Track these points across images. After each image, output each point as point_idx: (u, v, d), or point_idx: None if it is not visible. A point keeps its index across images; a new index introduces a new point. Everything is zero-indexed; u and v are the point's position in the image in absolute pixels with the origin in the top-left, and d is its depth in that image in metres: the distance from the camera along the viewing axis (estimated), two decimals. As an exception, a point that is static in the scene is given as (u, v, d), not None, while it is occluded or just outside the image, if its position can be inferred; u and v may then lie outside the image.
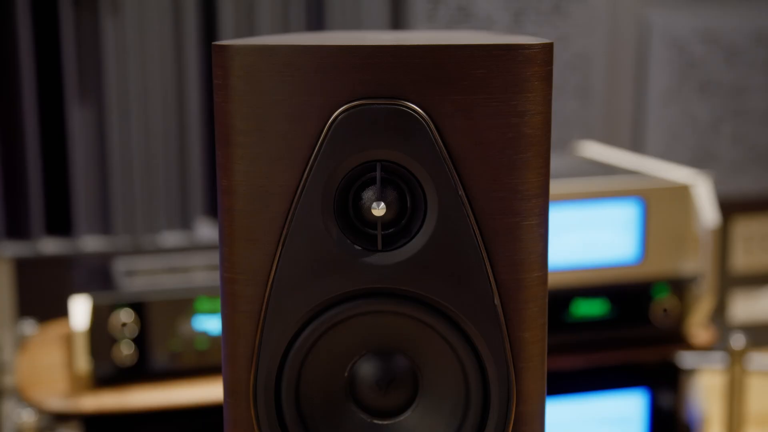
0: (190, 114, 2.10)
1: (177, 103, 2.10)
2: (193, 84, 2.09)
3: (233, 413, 0.60)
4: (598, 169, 1.75)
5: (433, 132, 0.56)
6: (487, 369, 0.58)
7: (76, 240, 2.08)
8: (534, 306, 0.58)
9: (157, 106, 2.08)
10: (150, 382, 1.51)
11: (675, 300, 1.63)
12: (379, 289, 0.57)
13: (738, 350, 1.68)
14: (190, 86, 2.09)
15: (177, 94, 2.10)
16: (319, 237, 0.57)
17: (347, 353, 0.59)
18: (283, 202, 0.57)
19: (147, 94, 2.07)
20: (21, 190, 2.04)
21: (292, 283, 0.57)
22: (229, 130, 0.58)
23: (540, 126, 0.57)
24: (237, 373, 0.60)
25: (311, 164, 0.56)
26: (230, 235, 0.59)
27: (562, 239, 1.59)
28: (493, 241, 0.57)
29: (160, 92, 2.08)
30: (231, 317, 0.60)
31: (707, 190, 1.62)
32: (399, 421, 0.60)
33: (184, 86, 2.10)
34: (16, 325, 2.06)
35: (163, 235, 2.13)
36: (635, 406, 1.68)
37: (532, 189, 0.57)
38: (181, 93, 2.10)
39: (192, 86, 2.09)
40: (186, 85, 2.09)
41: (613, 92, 2.40)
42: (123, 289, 1.53)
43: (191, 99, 2.10)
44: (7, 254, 2.04)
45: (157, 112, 2.08)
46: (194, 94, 2.10)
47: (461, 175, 0.56)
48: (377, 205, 0.56)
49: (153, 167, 2.10)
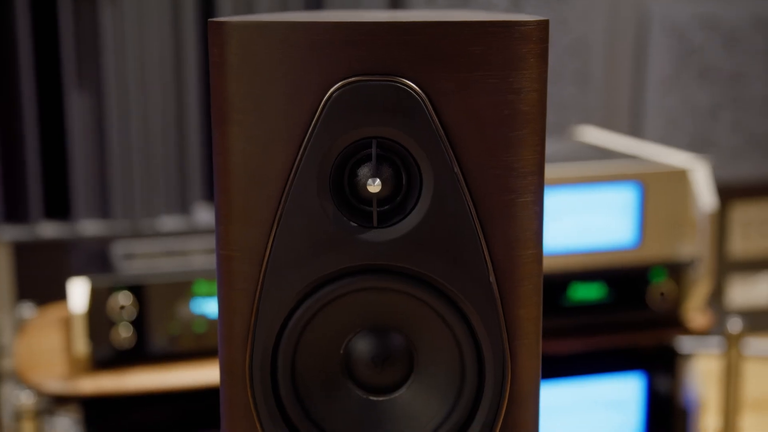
0: (188, 99, 2.10)
1: (175, 88, 2.10)
2: (192, 69, 2.09)
3: (230, 391, 0.61)
4: (596, 154, 1.75)
5: (429, 109, 0.56)
6: (481, 346, 0.58)
7: (75, 224, 2.08)
8: (529, 283, 0.58)
9: (156, 91, 2.08)
10: (148, 364, 1.51)
11: (672, 284, 1.63)
12: (375, 265, 0.57)
13: (735, 334, 1.68)
14: (188, 71, 2.09)
15: (175, 79, 2.10)
16: (314, 214, 0.57)
17: (343, 330, 0.59)
18: (279, 179, 0.57)
19: (145, 78, 2.07)
20: (20, 174, 2.04)
21: (288, 260, 0.58)
22: (225, 108, 0.58)
23: (536, 103, 0.57)
24: (233, 351, 0.60)
25: (307, 141, 0.56)
26: (226, 213, 0.59)
27: (560, 223, 1.60)
28: (488, 218, 0.57)
29: (159, 77, 2.08)
30: (227, 295, 0.60)
31: (705, 174, 1.62)
32: (394, 397, 0.60)
33: (183, 71, 2.09)
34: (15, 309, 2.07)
35: (161, 219, 2.13)
36: (632, 389, 1.69)
37: (527, 166, 0.57)
38: (179, 78, 2.10)
39: (190, 72, 2.09)
40: (184, 70, 2.09)
41: (612, 78, 2.39)
42: (121, 272, 1.54)
43: (189, 84, 2.10)
44: (5, 238, 2.05)
45: (156, 96, 2.08)
46: (192, 79, 2.09)
47: (457, 152, 0.56)
48: (373, 182, 0.56)
49: (151, 151, 2.10)
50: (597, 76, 2.37)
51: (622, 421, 1.69)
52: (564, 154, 1.75)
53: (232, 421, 0.61)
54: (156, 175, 2.11)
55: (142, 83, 2.07)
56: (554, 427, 1.65)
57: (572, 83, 2.35)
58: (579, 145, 1.87)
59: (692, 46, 2.40)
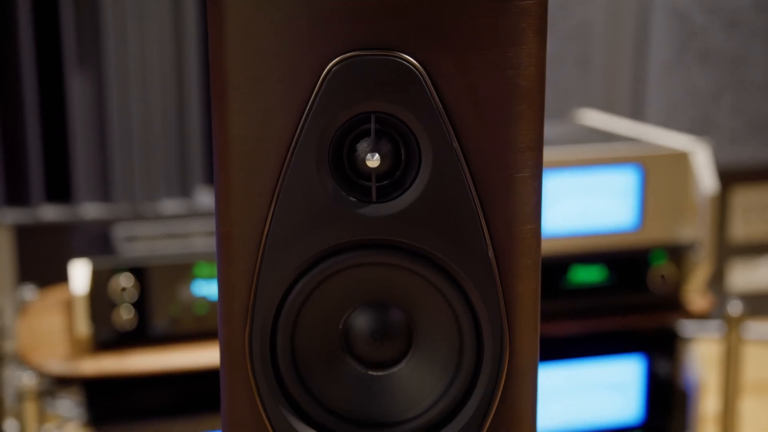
0: (189, 82, 2.10)
1: (176, 71, 2.10)
2: (192, 53, 2.09)
3: (229, 368, 0.61)
4: (597, 137, 1.75)
5: (428, 83, 0.56)
6: (480, 320, 0.58)
7: (76, 207, 2.08)
8: (527, 259, 0.59)
9: (156, 74, 2.08)
10: (149, 346, 1.52)
11: (673, 267, 1.63)
12: (374, 240, 0.57)
13: (735, 317, 1.68)
14: (189, 54, 2.09)
15: (176, 62, 2.10)
16: (313, 189, 0.57)
17: (342, 305, 0.59)
18: (278, 155, 0.57)
19: (146, 61, 2.07)
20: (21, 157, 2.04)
21: (286, 235, 0.58)
22: (224, 85, 0.58)
23: (534, 78, 0.57)
24: (233, 327, 0.60)
25: (306, 116, 0.56)
26: (225, 189, 0.59)
27: (561, 206, 1.60)
28: (486, 193, 0.57)
29: (159, 60, 2.08)
30: (227, 271, 0.60)
31: (706, 157, 1.62)
32: (393, 372, 0.60)
33: (184, 54, 2.09)
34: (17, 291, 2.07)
35: (162, 202, 2.13)
36: (632, 372, 1.69)
37: (526, 141, 0.57)
38: (180, 61, 2.10)
39: (191, 55, 2.09)
40: (185, 54, 2.09)
41: (613, 62, 2.39)
42: (123, 254, 1.54)
43: (190, 67, 2.09)
44: (7, 221, 2.05)
45: (157, 79, 2.08)
46: (193, 62, 2.09)
47: (455, 127, 0.56)
48: (371, 157, 0.56)
49: (152, 135, 2.10)
50: (598, 60, 2.36)
51: (622, 403, 1.69)
52: (565, 137, 1.75)
53: (232, 398, 0.61)
54: (157, 159, 2.11)
55: (143, 66, 2.07)
56: (554, 409, 1.66)
57: (573, 67, 2.35)
58: (580, 128, 1.87)
59: (693, 29, 2.40)
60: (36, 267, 2.13)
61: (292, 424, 0.59)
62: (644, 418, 1.70)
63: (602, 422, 1.68)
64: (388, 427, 0.60)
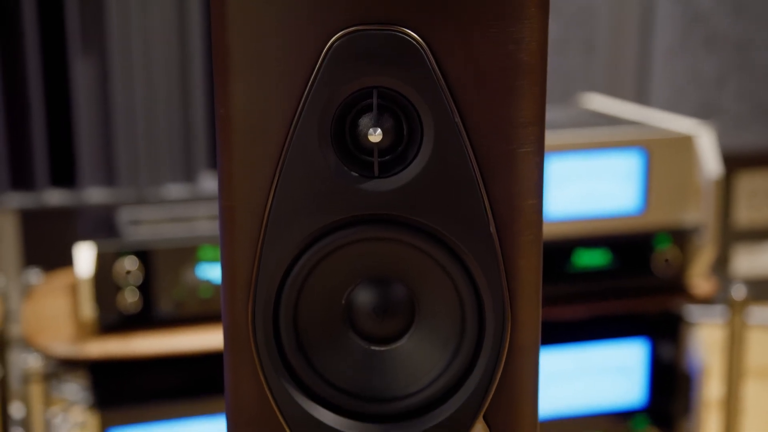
0: (193, 67, 2.10)
1: (180, 55, 2.10)
2: (196, 37, 2.09)
3: (232, 343, 0.61)
4: (601, 120, 1.75)
5: (430, 58, 0.56)
6: (482, 296, 0.59)
7: (81, 191, 2.09)
8: (529, 234, 0.59)
9: (161, 59, 2.08)
10: (154, 329, 1.52)
11: (677, 250, 1.63)
12: (376, 215, 0.58)
13: (739, 301, 1.68)
14: (193, 38, 2.09)
15: (180, 47, 2.10)
16: (316, 164, 0.57)
17: (344, 280, 0.60)
18: (280, 130, 0.57)
19: (150, 44, 2.07)
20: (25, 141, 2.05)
21: (289, 210, 0.58)
22: (226, 60, 0.58)
23: (536, 53, 0.57)
24: (235, 302, 0.61)
25: (308, 91, 0.57)
26: (228, 164, 0.59)
27: (565, 189, 1.60)
28: (488, 168, 0.57)
29: (164, 44, 2.08)
30: (229, 247, 0.61)
31: (710, 140, 1.62)
32: (395, 347, 0.60)
33: (188, 38, 2.09)
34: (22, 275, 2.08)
35: (166, 187, 2.14)
36: (636, 355, 1.69)
37: (528, 116, 0.57)
38: (184, 45, 2.10)
39: (195, 39, 2.09)
40: (189, 38, 2.09)
41: (617, 47, 2.38)
42: (127, 237, 1.54)
43: (194, 51, 2.09)
44: (12, 205, 2.06)
45: (161, 64, 2.08)
46: (197, 46, 2.09)
47: (457, 102, 0.56)
48: (374, 131, 0.56)
49: (156, 120, 2.10)
50: (602, 45, 2.36)
51: (626, 387, 1.70)
52: (568, 120, 1.74)
53: (235, 372, 0.61)
54: (161, 143, 2.11)
55: (147, 51, 2.07)
56: (558, 392, 1.66)
57: (578, 52, 2.35)
58: (583, 112, 1.86)
59: (698, 13, 2.39)
60: (41, 251, 2.14)
61: (295, 398, 0.60)
62: (647, 402, 1.70)
63: (605, 406, 1.69)
64: (389, 402, 0.60)
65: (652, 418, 1.70)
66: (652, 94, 2.41)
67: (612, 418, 1.69)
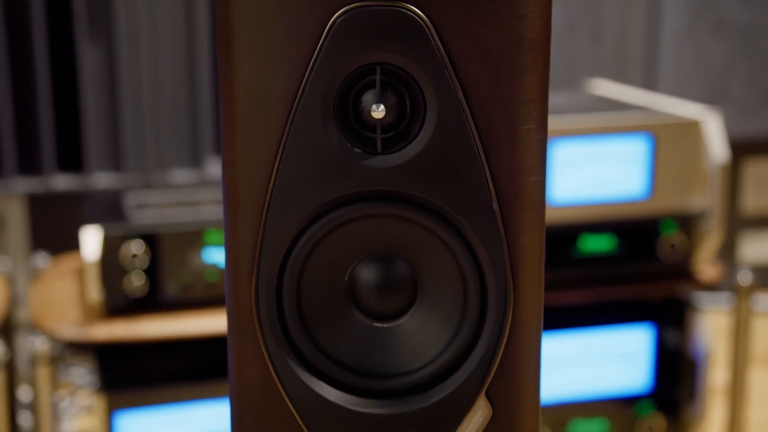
0: (200, 51, 2.10)
1: (187, 40, 2.10)
2: (204, 21, 2.09)
3: (236, 319, 0.61)
4: (607, 105, 1.75)
5: (433, 34, 0.56)
6: (484, 272, 0.59)
7: (87, 176, 2.09)
8: (532, 211, 0.59)
9: (167, 43, 2.08)
10: (161, 312, 1.53)
11: (683, 236, 1.63)
12: (379, 191, 0.58)
13: (745, 286, 1.68)
14: (200, 23, 2.09)
15: (187, 32, 2.10)
16: (319, 140, 0.57)
17: (347, 257, 0.60)
18: (283, 106, 0.57)
19: (157, 30, 2.07)
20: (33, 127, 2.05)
21: (292, 186, 0.58)
22: (230, 37, 0.58)
23: (540, 29, 0.57)
24: (239, 278, 0.61)
25: (311, 67, 0.57)
26: (231, 141, 0.59)
27: (571, 174, 1.60)
28: (491, 144, 0.57)
29: (170, 29, 2.08)
30: (233, 223, 0.61)
31: (717, 125, 1.61)
32: (398, 324, 0.61)
33: (194, 23, 2.09)
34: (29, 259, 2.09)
35: (173, 172, 2.14)
36: (641, 341, 1.69)
37: (531, 93, 0.57)
38: (190, 31, 2.10)
39: (202, 23, 2.09)
40: (196, 23, 2.09)
41: (625, 32, 2.38)
42: (134, 221, 1.55)
43: (201, 36, 2.09)
44: (19, 190, 2.06)
45: (168, 49, 2.08)
46: (204, 31, 2.09)
47: (460, 78, 0.56)
48: (377, 108, 0.56)
49: (163, 105, 2.10)
50: (610, 30, 2.35)
51: (631, 372, 1.70)
52: (575, 105, 1.74)
53: (239, 348, 0.61)
54: (168, 129, 2.11)
55: (154, 36, 2.07)
56: (563, 377, 1.67)
57: (585, 37, 2.34)
58: (590, 98, 1.86)
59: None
60: (48, 235, 2.15)
61: (298, 374, 0.60)
62: (653, 387, 1.71)
63: (611, 391, 1.69)
64: (392, 378, 0.60)
65: (657, 403, 1.70)
66: (660, 81, 2.40)
67: (617, 404, 1.69)
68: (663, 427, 1.70)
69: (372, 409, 0.60)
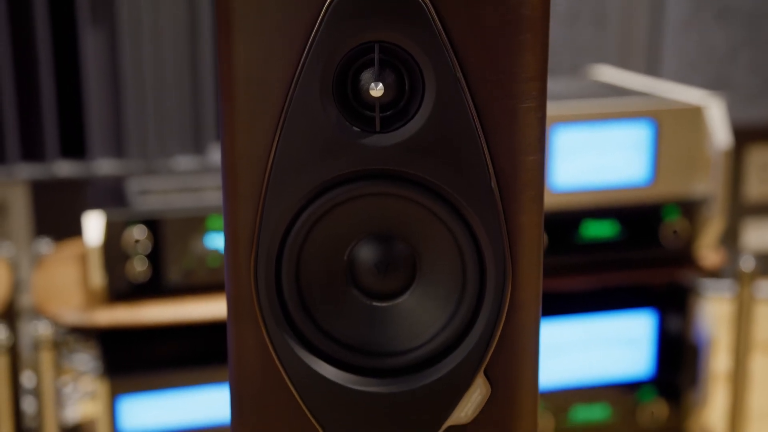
0: (202, 38, 2.10)
1: (189, 26, 2.10)
2: (206, 6, 2.09)
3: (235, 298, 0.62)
4: (610, 91, 1.74)
5: (431, 13, 0.56)
6: (483, 252, 0.59)
7: (90, 163, 2.10)
8: (531, 190, 0.59)
9: (170, 30, 2.08)
10: (163, 297, 1.53)
11: (685, 222, 1.63)
12: (377, 170, 0.58)
13: (747, 272, 1.68)
14: (203, 9, 2.08)
15: (189, 18, 2.09)
16: (317, 119, 0.57)
17: (346, 236, 0.60)
18: (282, 85, 0.57)
19: (160, 16, 2.07)
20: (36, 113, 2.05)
21: (291, 165, 0.58)
22: (229, 15, 0.58)
23: (538, 8, 0.56)
24: (238, 258, 0.61)
25: (309, 46, 0.57)
26: (230, 120, 0.59)
27: (573, 160, 1.59)
28: (490, 123, 0.57)
29: (173, 15, 2.08)
30: (232, 203, 0.61)
31: (720, 111, 1.61)
32: (397, 303, 0.61)
33: (197, 10, 2.09)
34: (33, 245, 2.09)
35: (175, 158, 2.14)
36: (643, 326, 1.70)
37: (530, 72, 0.57)
38: (193, 16, 2.09)
39: (205, 8, 2.08)
40: (199, 8, 2.09)
41: (629, 19, 2.37)
42: (136, 206, 1.55)
43: (204, 22, 2.09)
44: (23, 176, 2.07)
45: (170, 35, 2.08)
46: (207, 16, 2.09)
47: (459, 57, 0.56)
48: (375, 86, 0.56)
49: (166, 91, 2.10)
50: (614, 17, 2.34)
51: (633, 358, 1.70)
52: (578, 91, 1.74)
53: (238, 325, 0.62)
54: (170, 115, 2.11)
55: (157, 22, 2.07)
56: (565, 363, 1.67)
57: (589, 24, 2.33)
58: (593, 84, 1.86)
59: (711, -14, 2.37)
60: (51, 221, 2.15)
61: (297, 352, 0.60)
62: (655, 373, 1.71)
63: (613, 377, 1.69)
64: (391, 357, 0.61)
65: (659, 389, 1.71)
66: (664, 67, 2.39)
67: (619, 389, 1.69)
68: (665, 412, 1.70)
69: (371, 388, 0.60)
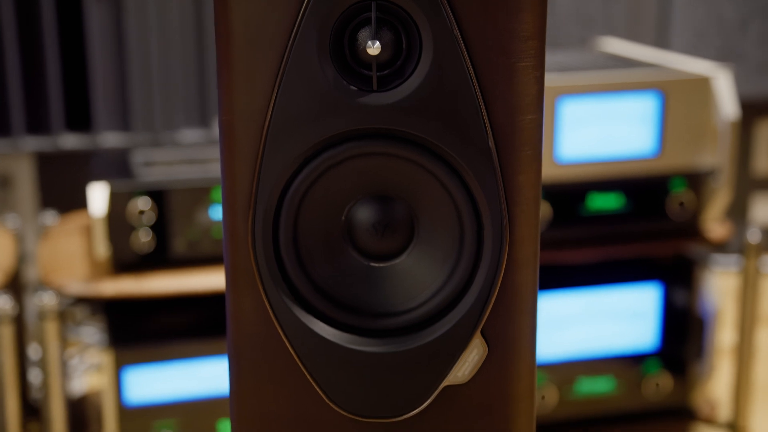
0: (208, 9, 2.09)
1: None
2: (211, -21, 2.08)
3: (233, 256, 0.61)
4: (617, 63, 1.73)
5: (428, -31, 0.55)
6: (480, 211, 0.58)
7: (96, 135, 2.10)
8: (528, 149, 0.58)
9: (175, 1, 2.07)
10: (168, 268, 1.53)
11: (692, 194, 1.62)
12: (374, 129, 0.57)
13: (754, 244, 1.67)
14: (207, -19, 2.07)
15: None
16: (314, 77, 0.57)
17: (344, 196, 0.60)
18: (279, 43, 0.57)
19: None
20: (41, 86, 2.05)
21: (288, 124, 0.58)
22: (226, -26, 0.58)
23: (537, -35, 0.56)
24: (235, 216, 0.61)
25: (306, 4, 0.56)
26: (227, 79, 0.59)
27: (580, 132, 1.59)
28: (488, 82, 0.57)
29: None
30: (229, 161, 0.61)
31: (727, 83, 1.60)
32: (395, 264, 0.61)
33: (202, -19, 2.08)
34: (38, 217, 2.10)
35: (181, 131, 2.14)
36: (649, 299, 1.69)
37: (528, 30, 0.57)
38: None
39: (209, -19, 2.08)
40: (203, -20, 2.08)
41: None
42: (141, 177, 1.55)
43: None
44: (28, 149, 2.07)
45: (175, 6, 2.07)
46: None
47: (456, 15, 0.56)
48: (372, 44, 0.56)
49: (171, 64, 2.10)
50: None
51: (639, 331, 1.70)
52: (585, 63, 1.73)
53: (235, 286, 0.62)
54: (176, 88, 2.11)
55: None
56: (571, 335, 1.67)
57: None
58: (600, 55, 1.84)
59: (721, -42, 2.34)
60: (56, 194, 2.16)
61: (295, 312, 0.60)
62: (660, 346, 1.70)
63: (618, 349, 1.69)
64: (389, 317, 0.60)
65: (664, 361, 1.70)
66: (673, 39, 2.38)
67: (624, 362, 1.69)
68: (670, 385, 1.70)
69: (369, 348, 0.60)
